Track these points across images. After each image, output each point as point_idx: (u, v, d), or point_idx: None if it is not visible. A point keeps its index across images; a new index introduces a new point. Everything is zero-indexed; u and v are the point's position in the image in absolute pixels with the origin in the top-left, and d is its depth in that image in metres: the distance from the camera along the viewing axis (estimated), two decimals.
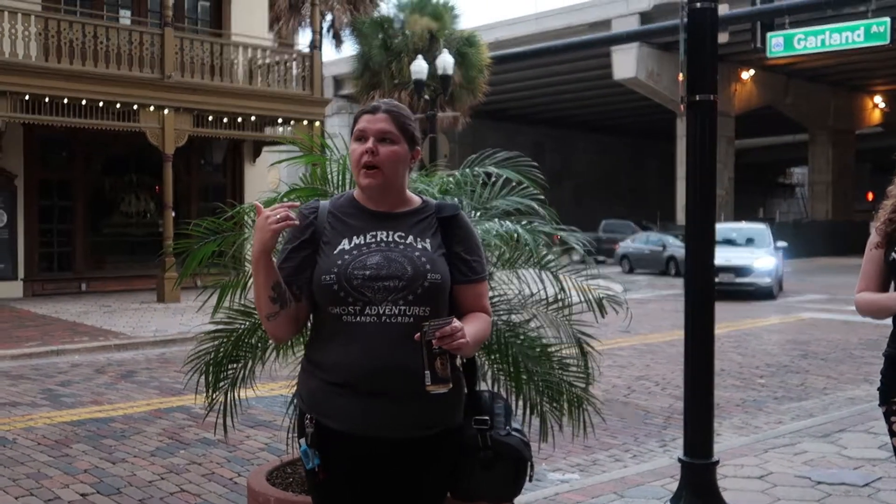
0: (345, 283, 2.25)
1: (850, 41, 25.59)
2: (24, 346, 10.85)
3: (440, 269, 2.31)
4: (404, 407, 2.25)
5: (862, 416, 6.82)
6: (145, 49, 16.52)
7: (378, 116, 2.35)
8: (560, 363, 3.65)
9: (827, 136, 41.86)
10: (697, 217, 3.95)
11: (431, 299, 2.28)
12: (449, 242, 2.38)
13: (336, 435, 2.29)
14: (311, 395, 2.34)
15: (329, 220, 2.38)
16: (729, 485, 4.83)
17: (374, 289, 2.25)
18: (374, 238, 2.33)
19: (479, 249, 2.46)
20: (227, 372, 3.84)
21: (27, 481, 5.40)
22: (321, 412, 2.31)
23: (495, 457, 2.39)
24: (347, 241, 2.33)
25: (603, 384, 7.85)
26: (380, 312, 2.25)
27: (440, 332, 2.12)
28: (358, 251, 2.30)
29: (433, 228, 2.38)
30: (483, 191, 3.68)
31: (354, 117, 2.41)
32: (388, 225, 2.36)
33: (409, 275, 2.26)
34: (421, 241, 2.34)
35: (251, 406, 6.64)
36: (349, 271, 2.26)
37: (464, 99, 25.20)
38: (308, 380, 2.38)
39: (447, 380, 2.16)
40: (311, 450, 2.30)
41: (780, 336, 12.42)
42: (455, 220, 2.41)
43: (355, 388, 2.26)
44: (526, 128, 47.39)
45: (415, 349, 2.16)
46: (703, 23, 3.91)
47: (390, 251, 2.30)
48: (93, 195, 18.84)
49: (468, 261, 2.40)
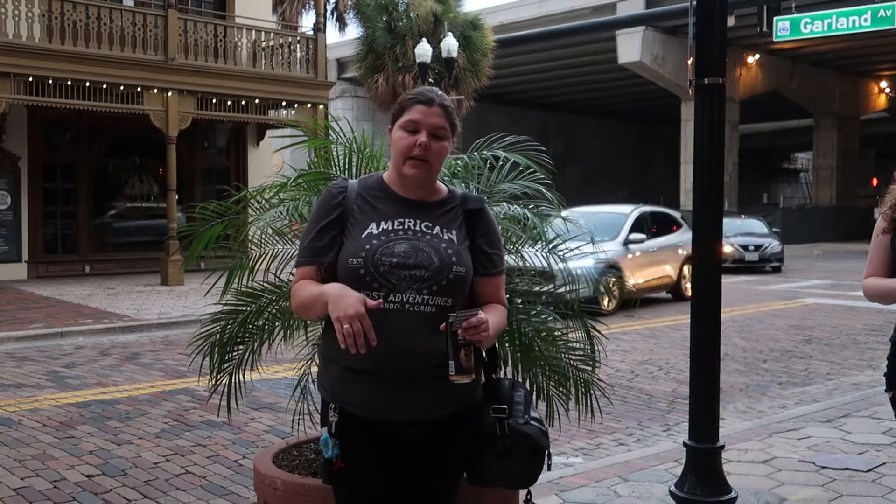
0: (371, 269, 2.26)
1: (857, 25, 25.48)
2: (28, 328, 10.87)
3: (465, 261, 2.33)
4: (424, 389, 2.27)
5: (866, 401, 6.82)
6: (149, 31, 16.47)
7: (433, 110, 2.34)
8: (566, 347, 3.65)
9: (832, 122, 41.70)
10: (705, 201, 3.93)
11: (454, 291, 2.30)
12: (472, 235, 2.39)
13: (360, 422, 2.30)
14: (333, 384, 2.36)
15: (357, 201, 2.37)
16: (733, 469, 4.84)
17: (399, 276, 2.26)
18: (401, 225, 2.33)
19: (499, 243, 2.49)
20: (232, 354, 3.84)
21: (33, 462, 5.43)
22: (345, 400, 2.32)
23: (513, 445, 2.40)
24: (375, 225, 2.32)
25: (607, 368, 7.84)
26: (403, 300, 2.25)
27: (467, 322, 2.14)
28: (386, 237, 2.30)
29: (459, 220, 2.39)
30: (490, 174, 3.67)
31: (402, 104, 2.38)
32: (416, 213, 2.36)
33: (435, 265, 2.27)
34: (447, 232, 2.35)
35: (255, 388, 6.67)
36: (377, 257, 2.27)
37: (468, 82, 25.14)
38: (329, 368, 2.39)
39: (471, 370, 2.19)
40: (332, 439, 2.30)
41: (784, 321, 12.41)
42: (480, 213, 2.43)
43: (377, 374, 2.27)
44: (530, 112, 47.24)
45: (436, 337, 2.17)
46: (713, 5, 3.88)
47: (417, 240, 2.31)
48: (96, 178, 18.85)
49: (490, 254, 2.41)
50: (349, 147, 3.59)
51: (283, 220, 3.74)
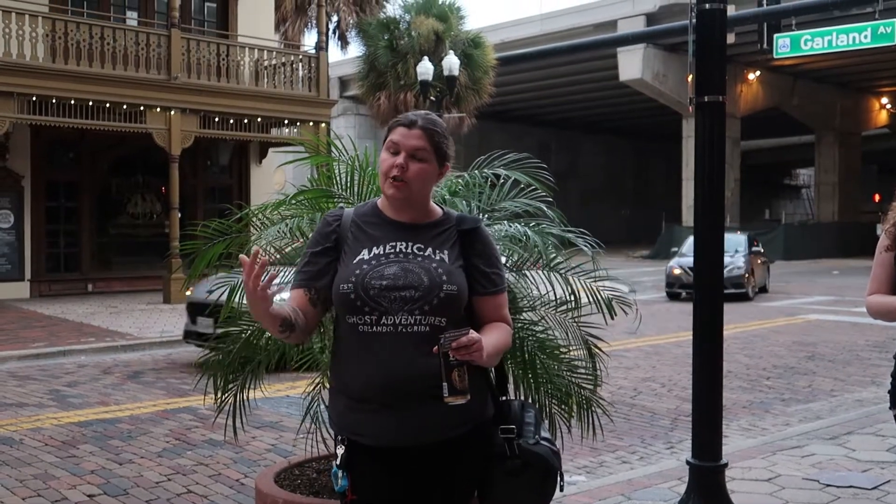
0: (361, 293, 2.28)
1: (857, 42, 25.55)
2: (30, 347, 10.86)
3: (456, 280, 2.33)
4: (430, 411, 2.25)
5: (870, 418, 6.79)
6: (152, 50, 16.55)
7: (413, 132, 2.36)
8: (569, 365, 3.64)
9: (833, 138, 41.75)
10: (705, 217, 3.94)
11: (447, 310, 2.30)
12: (468, 255, 2.40)
13: (369, 451, 2.31)
14: (340, 416, 2.38)
15: (352, 228, 2.41)
16: (737, 487, 4.82)
17: (390, 298, 2.27)
18: (392, 248, 2.35)
19: (498, 262, 2.49)
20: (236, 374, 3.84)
21: (34, 482, 5.41)
22: (351, 430, 2.33)
23: (524, 465, 2.38)
24: (367, 251, 2.35)
25: (609, 386, 7.83)
26: (396, 322, 2.26)
27: (456, 342, 2.13)
28: (376, 261, 2.33)
29: (452, 240, 2.40)
30: (491, 192, 3.68)
31: (389, 126, 2.42)
32: (409, 236, 2.38)
33: (425, 285, 2.28)
34: (439, 252, 2.37)
35: (258, 407, 6.64)
36: (366, 281, 2.29)
37: (469, 100, 25.24)
38: (335, 400, 2.41)
39: (465, 391, 2.16)
40: (340, 471, 2.32)
41: (787, 337, 12.38)
42: (475, 233, 2.43)
43: (377, 400, 2.27)
44: (532, 129, 47.36)
45: (432, 358, 2.17)
46: (712, 24, 3.90)
47: (408, 262, 2.33)
48: (99, 196, 18.88)
49: (487, 273, 2.42)
50: (351, 165, 3.60)
51: (284, 237, 3.75)
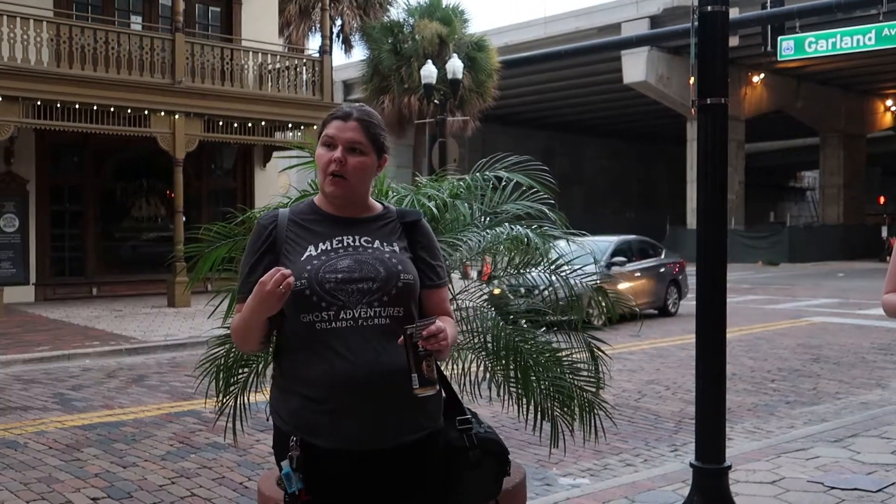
0: (317, 288, 2.20)
1: (862, 44, 25.53)
2: (35, 351, 10.88)
3: (411, 269, 2.31)
4: (392, 413, 2.21)
5: (875, 420, 6.77)
6: (156, 54, 16.59)
7: (349, 125, 2.31)
8: (571, 368, 3.64)
9: (838, 140, 41.72)
10: (708, 219, 3.93)
11: (405, 300, 2.27)
12: (413, 247, 2.37)
13: (324, 453, 2.20)
14: (294, 415, 2.25)
15: (290, 227, 2.33)
16: (741, 490, 4.81)
17: (347, 291, 2.21)
18: (340, 243, 2.30)
19: (440, 255, 2.46)
20: (237, 376, 3.84)
21: (38, 485, 5.42)
22: (308, 431, 2.21)
23: (482, 454, 2.37)
24: (313, 247, 2.29)
25: (613, 389, 7.82)
26: (355, 316, 2.20)
27: (427, 331, 2.09)
28: (326, 256, 2.27)
29: (398, 233, 2.37)
30: (493, 195, 3.68)
31: (324, 121, 2.36)
32: (353, 230, 2.33)
33: (382, 276, 2.24)
34: (388, 244, 2.33)
35: (261, 410, 6.64)
36: (320, 275, 2.22)
37: (473, 103, 25.28)
38: (286, 397, 2.29)
39: (434, 382, 2.13)
40: (295, 473, 2.19)
41: (792, 340, 12.36)
42: (418, 226, 2.41)
43: (340, 399, 2.18)
44: (535, 132, 47.39)
45: (396, 351, 2.13)
46: (714, 26, 3.90)
47: (359, 254, 2.28)
48: (104, 200, 18.92)
49: (433, 266, 2.40)
50: None
51: None
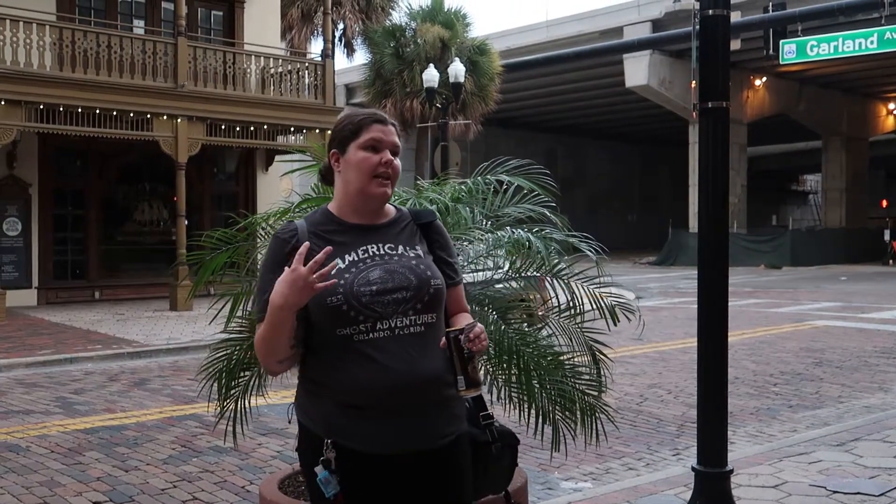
0: (354, 302, 2.20)
1: (864, 48, 25.53)
2: (37, 354, 10.89)
3: (438, 273, 2.33)
4: (427, 417, 2.24)
5: (878, 424, 6.76)
6: (159, 58, 16.61)
7: (390, 129, 2.35)
8: (572, 371, 3.64)
9: (840, 143, 41.68)
10: (710, 223, 3.93)
11: (436, 305, 2.29)
12: (432, 247, 2.39)
13: (359, 457, 2.22)
14: (327, 419, 2.25)
15: (312, 240, 2.26)
16: (743, 494, 4.80)
17: (383, 303, 2.21)
18: (366, 253, 2.29)
19: (455, 252, 2.52)
20: (238, 380, 3.84)
21: (40, 489, 5.42)
22: (343, 435, 2.22)
23: (502, 448, 2.44)
24: (340, 260, 2.25)
25: (615, 392, 7.81)
26: (392, 326, 2.21)
27: (472, 333, 2.12)
28: (356, 268, 2.25)
29: (417, 235, 2.39)
30: (495, 199, 3.68)
31: (359, 122, 2.32)
32: (375, 237, 2.33)
33: (414, 284, 2.25)
34: (411, 249, 2.34)
35: (263, 414, 6.65)
36: (355, 289, 2.21)
37: (475, 107, 25.29)
38: (318, 402, 2.28)
39: (479, 383, 2.17)
40: (333, 477, 2.20)
41: (795, 344, 12.34)
42: (434, 226, 2.43)
43: (378, 407, 2.20)
44: (538, 135, 47.41)
45: (430, 357, 2.16)
46: (716, 30, 3.90)
47: (387, 263, 2.28)
48: (106, 204, 18.95)
49: (451, 264, 2.42)
50: None
51: None
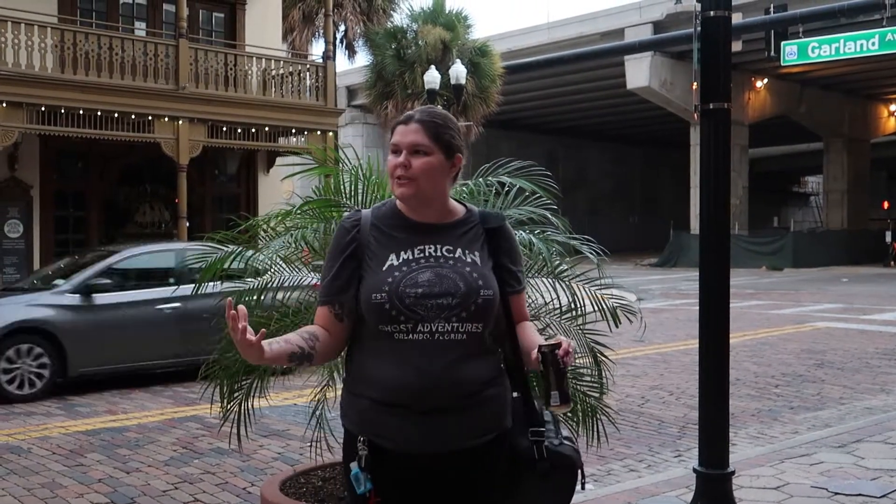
0: (397, 302, 2.18)
1: (865, 49, 25.54)
2: None
3: (492, 284, 2.26)
4: (459, 419, 2.22)
5: (879, 426, 6.76)
6: (160, 60, 16.62)
7: (410, 127, 2.27)
8: (574, 373, 3.64)
9: (842, 145, 41.65)
10: (711, 224, 3.93)
11: (484, 315, 2.23)
12: (496, 253, 2.32)
13: (391, 455, 2.23)
14: (361, 416, 2.26)
15: (373, 232, 2.28)
16: (744, 495, 4.80)
17: (427, 307, 2.19)
18: (421, 253, 2.26)
19: (521, 259, 2.43)
20: (241, 382, 3.85)
21: (42, 491, 5.42)
22: (375, 433, 2.23)
23: (551, 467, 2.34)
24: (395, 256, 2.25)
25: (617, 394, 7.81)
26: (433, 330, 2.19)
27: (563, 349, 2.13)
28: (407, 267, 2.23)
29: (480, 240, 2.32)
30: (496, 200, 3.68)
31: (391, 128, 2.33)
32: (435, 238, 2.29)
33: (462, 291, 2.21)
34: (470, 254, 2.28)
35: (264, 415, 6.66)
36: (401, 290, 2.19)
37: (477, 108, 25.29)
38: (355, 400, 2.29)
39: (570, 398, 2.19)
40: (363, 474, 2.21)
41: (796, 345, 12.33)
42: (501, 231, 2.36)
43: (409, 407, 2.19)
44: (539, 137, 47.38)
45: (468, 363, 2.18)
46: (717, 32, 3.90)
47: (440, 267, 2.24)
48: (107, 206, 18.94)
49: (514, 272, 2.35)
50: (355, 174, 3.62)
51: (290, 248, 3.76)
